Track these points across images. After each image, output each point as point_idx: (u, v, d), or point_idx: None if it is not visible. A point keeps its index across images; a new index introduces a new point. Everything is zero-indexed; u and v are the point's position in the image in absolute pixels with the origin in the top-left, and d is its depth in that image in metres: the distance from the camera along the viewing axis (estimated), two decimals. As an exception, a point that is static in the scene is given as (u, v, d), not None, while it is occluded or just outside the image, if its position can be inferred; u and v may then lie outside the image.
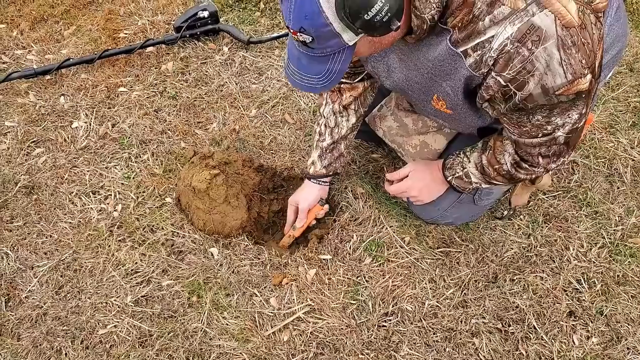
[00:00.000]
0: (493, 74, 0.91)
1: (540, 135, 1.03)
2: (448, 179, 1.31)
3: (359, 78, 1.34)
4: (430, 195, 1.39)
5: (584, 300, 1.41)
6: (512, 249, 1.49)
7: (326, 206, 1.50)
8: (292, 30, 0.87)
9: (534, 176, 1.18)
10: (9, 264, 1.46)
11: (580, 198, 1.59)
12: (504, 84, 0.92)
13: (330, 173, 1.46)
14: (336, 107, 1.39)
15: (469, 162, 1.25)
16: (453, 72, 0.98)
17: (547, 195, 1.60)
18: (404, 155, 1.51)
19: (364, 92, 1.38)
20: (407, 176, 1.40)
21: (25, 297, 1.41)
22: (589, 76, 0.91)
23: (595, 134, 1.73)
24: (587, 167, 1.66)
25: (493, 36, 0.87)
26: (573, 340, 1.35)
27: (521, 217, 1.56)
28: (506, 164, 1.15)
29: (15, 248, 1.49)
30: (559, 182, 1.63)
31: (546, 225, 1.54)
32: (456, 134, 1.40)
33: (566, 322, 1.37)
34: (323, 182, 1.47)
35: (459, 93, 1.03)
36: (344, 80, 1.34)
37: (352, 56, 0.92)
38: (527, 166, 1.13)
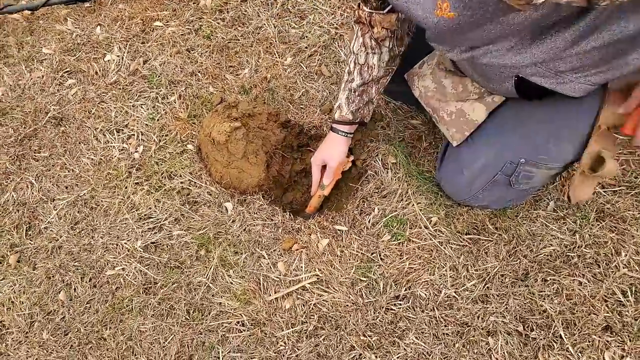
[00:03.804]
0: None
1: None
2: None
3: (389, 7, 1.17)
4: None
5: (626, 314, 1.24)
6: (551, 245, 1.33)
7: (352, 157, 1.39)
8: None
9: None
10: (32, 193, 1.49)
11: (646, 197, 1.37)
12: None
13: (357, 120, 1.32)
14: (367, 41, 1.24)
15: None
16: None
17: (605, 190, 1.38)
18: (438, 122, 1.34)
19: (398, 26, 1.21)
20: None
21: (44, 227, 1.44)
22: None
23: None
24: (662, 161, 1.41)
25: None
26: (604, 358, 1.20)
27: (569, 210, 1.37)
28: None
29: (40, 178, 1.51)
30: (623, 176, 1.40)
31: (598, 223, 1.35)
32: (500, 103, 1.21)
33: (600, 337, 1.22)
34: (348, 133, 1.34)
35: None
36: (372, 9, 1.18)
37: None
38: None
